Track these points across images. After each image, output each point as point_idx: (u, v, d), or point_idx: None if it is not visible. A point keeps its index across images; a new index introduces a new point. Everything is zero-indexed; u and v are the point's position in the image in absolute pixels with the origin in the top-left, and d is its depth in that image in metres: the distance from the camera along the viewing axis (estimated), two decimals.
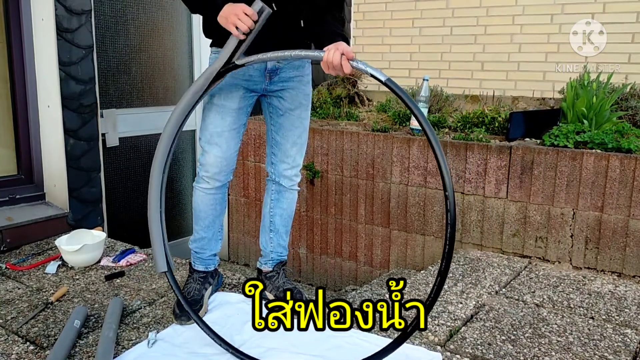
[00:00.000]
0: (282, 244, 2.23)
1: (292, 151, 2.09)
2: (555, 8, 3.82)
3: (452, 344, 1.93)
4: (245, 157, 3.74)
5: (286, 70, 1.98)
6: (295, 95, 2.03)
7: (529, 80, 3.97)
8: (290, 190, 2.16)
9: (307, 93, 2.08)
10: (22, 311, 2.10)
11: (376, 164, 3.23)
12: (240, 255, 3.96)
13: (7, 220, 2.76)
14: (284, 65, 1.97)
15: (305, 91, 2.07)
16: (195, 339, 1.91)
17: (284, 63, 1.96)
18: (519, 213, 2.85)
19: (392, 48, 4.56)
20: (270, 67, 1.95)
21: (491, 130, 3.21)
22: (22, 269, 2.51)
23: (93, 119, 3.02)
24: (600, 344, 1.95)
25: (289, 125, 2.06)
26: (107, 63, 3.25)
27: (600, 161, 2.62)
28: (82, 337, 1.90)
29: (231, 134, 1.99)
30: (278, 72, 1.97)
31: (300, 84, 2.04)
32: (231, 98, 1.96)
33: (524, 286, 2.47)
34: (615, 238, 2.64)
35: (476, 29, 4.14)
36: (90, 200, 3.07)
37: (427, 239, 3.12)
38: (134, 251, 2.74)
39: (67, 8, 2.83)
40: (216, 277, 2.24)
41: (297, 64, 2.00)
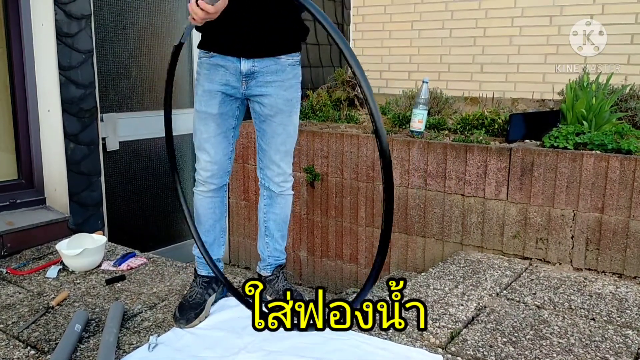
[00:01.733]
0: (278, 248, 2.22)
1: (276, 158, 2.05)
2: (554, 10, 3.83)
3: (453, 346, 1.93)
4: (245, 160, 3.74)
5: (263, 75, 1.95)
6: (274, 101, 1.97)
7: (528, 82, 3.98)
8: (282, 195, 2.13)
9: (289, 99, 2.00)
10: (23, 316, 2.10)
11: (376, 167, 3.23)
12: (240, 258, 3.96)
13: (8, 225, 2.76)
14: (261, 69, 1.94)
15: (286, 97, 1.99)
16: (196, 343, 1.91)
17: (259, 67, 1.94)
18: (519, 215, 2.85)
19: (392, 50, 4.57)
20: (245, 71, 1.93)
21: (491, 132, 3.21)
22: (22, 274, 2.51)
23: (93, 123, 3.02)
24: (602, 345, 1.94)
25: (271, 131, 2.02)
26: (107, 67, 3.25)
27: (600, 162, 2.62)
28: (83, 341, 1.90)
29: (217, 139, 1.99)
30: (254, 75, 1.94)
31: (279, 89, 1.97)
32: (211, 104, 1.96)
33: (525, 288, 2.46)
34: (616, 239, 2.63)
35: (475, 31, 4.15)
36: (91, 204, 3.07)
37: (428, 241, 3.12)
38: (134, 255, 2.73)
39: (67, 13, 2.83)
40: (221, 285, 2.24)
41: (275, 68, 1.95)
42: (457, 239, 3.03)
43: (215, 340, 1.92)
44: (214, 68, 1.95)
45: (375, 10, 4.62)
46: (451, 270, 2.67)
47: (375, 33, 4.65)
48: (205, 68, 1.97)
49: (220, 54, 1.94)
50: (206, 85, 1.96)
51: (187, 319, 2.01)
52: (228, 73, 1.94)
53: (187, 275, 2.52)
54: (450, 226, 3.04)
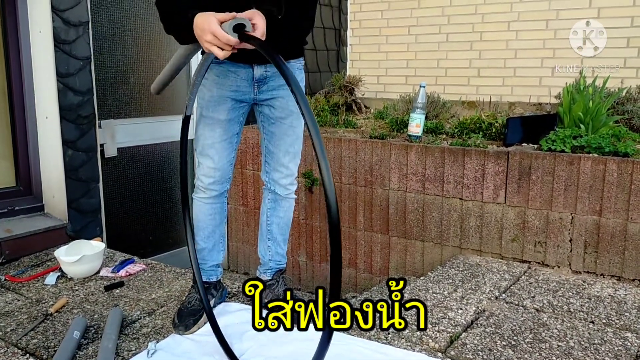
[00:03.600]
0: (280, 252, 2.23)
1: (285, 160, 2.07)
2: (550, 14, 3.85)
3: (453, 350, 1.92)
4: (243, 166, 3.74)
5: (275, 79, 1.96)
6: (286, 104, 2.00)
7: (525, 86, 3.99)
8: (287, 199, 2.15)
9: None
10: (22, 323, 2.09)
11: (374, 171, 3.23)
12: (239, 264, 3.96)
13: (6, 232, 2.76)
14: (272, 74, 1.95)
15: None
16: (195, 349, 1.91)
17: (271, 72, 1.95)
18: (517, 218, 2.85)
19: (389, 55, 4.59)
20: (257, 77, 1.94)
21: (488, 136, 3.22)
22: (21, 281, 2.50)
23: (91, 130, 3.02)
24: (601, 348, 1.94)
25: (280, 133, 2.04)
26: (105, 74, 3.26)
27: (598, 165, 2.63)
28: (82, 348, 1.90)
29: (222, 145, 1.99)
30: (266, 80, 1.96)
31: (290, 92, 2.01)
32: (219, 110, 1.96)
33: (524, 291, 2.47)
34: (614, 242, 2.64)
35: (472, 35, 4.17)
36: (89, 210, 3.07)
37: (427, 245, 3.12)
38: (133, 261, 2.73)
39: (65, 20, 2.84)
40: (220, 290, 2.24)
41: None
42: (455, 243, 3.04)
43: (215, 346, 1.92)
44: (224, 74, 1.94)
45: (372, 16, 4.63)
46: (450, 274, 2.67)
47: (372, 38, 4.66)
48: (215, 74, 1.95)
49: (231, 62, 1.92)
50: (215, 91, 1.94)
51: (185, 325, 2.01)
52: (239, 79, 1.94)
53: (185, 281, 2.52)
54: (448, 230, 3.05)
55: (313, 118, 1.24)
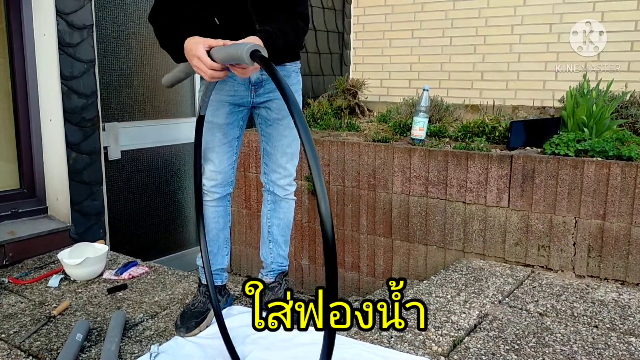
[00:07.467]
0: (281, 254, 2.23)
1: (283, 160, 2.09)
2: (553, 17, 3.84)
3: (456, 354, 1.92)
4: (246, 169, 3.75)
5: (270, 82, 1.97)
6: (282, 105, 2.00)
7: (528, 90, 3.99)
8: (286, 200, 2.16)
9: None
10: (25, 325, 2.09)
11: (377, 174, 3.23)
12: (242, 267, 3.95)
13: (10, 235, 2.76)
14: (268, 77, 1.95)
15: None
16: (198, 352, 1.91)
17: (267, 75, 1.96)
18: (520, 222, 2.84)
19: (392, 59, 4.59)
20: (254, 80, 1.96)
21: (492, 140, 3.22)
22: (24, 283, 2.51)
23: (95, 133, 3.03)
24: (605, 352, 1.94)
25: (277, 135, 2.06)
26: (109, 77, 3.27)
27: (602, 169, 2.62)
28: (85, 350, 1.90)
29: (222, 148, 2.01)
30: (262, 84, 1.98)
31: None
32: (218, 114, 1.98)
33: (527, 295, 2.46)
34: (618, 246, 2.63)
35: (475, 39, 4.17)
36: (93, 213, 3.07)
37: (430, 249, 3.12)
38: (136, 264, 2.73)
39: (69, 23, 2.85)
40: (225, 295, 2.24)
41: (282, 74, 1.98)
42: (458, 247, 3.03)
43: (218, 349, 1.92)
44: (222, 79, 1.95)
45: (376, 19, 4.64)
46: (453, 278, 2.66)
47: (375, 42, 4.67)
48: None
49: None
50: (213, 95, 1.97)
51: (187, 327, 2.01)
52: (236, 83, 1.96)
53: (188, 284, 2.52)
54: (451, 234, 3.04)
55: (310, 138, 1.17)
